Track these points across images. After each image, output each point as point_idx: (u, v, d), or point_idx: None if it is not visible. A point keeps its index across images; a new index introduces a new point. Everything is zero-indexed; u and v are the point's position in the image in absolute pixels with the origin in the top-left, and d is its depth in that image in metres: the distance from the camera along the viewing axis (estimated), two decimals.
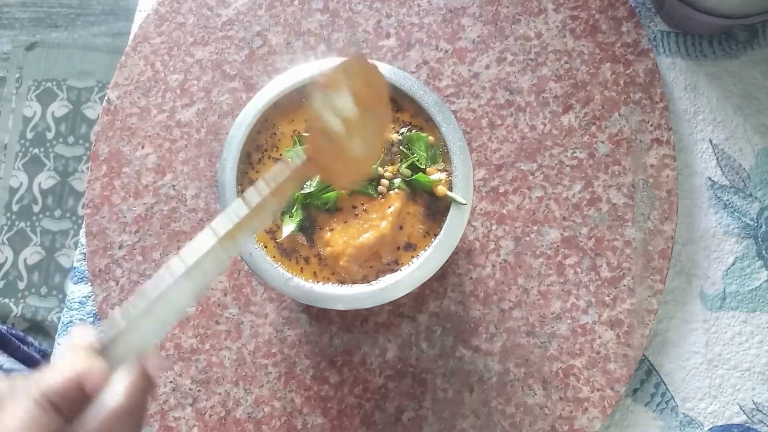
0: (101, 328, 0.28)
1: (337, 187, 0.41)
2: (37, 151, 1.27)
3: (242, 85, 0.56)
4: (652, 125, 0.52)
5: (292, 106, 0.45)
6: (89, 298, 0.53)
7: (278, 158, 0.45)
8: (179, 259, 0.30)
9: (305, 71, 0.45)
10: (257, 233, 0.43)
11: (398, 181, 0.43)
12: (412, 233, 0.43)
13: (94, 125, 1.28)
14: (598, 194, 0.51)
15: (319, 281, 0.42)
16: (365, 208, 0.43)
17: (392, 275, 0.42)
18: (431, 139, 0.44)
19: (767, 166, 0.53)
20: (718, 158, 0.53)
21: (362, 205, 0.43)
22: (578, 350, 0.49)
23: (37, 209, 1.24)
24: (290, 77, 0.45)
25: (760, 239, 0.51)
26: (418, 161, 0.43)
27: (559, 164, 0.52)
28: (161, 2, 0.58)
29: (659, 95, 0.53)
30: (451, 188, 0.43)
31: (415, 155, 0.43)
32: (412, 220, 0.43)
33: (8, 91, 1.31)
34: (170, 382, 0.50)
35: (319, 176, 0.36)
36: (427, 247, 0.43)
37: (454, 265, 0.50)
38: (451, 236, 0.42)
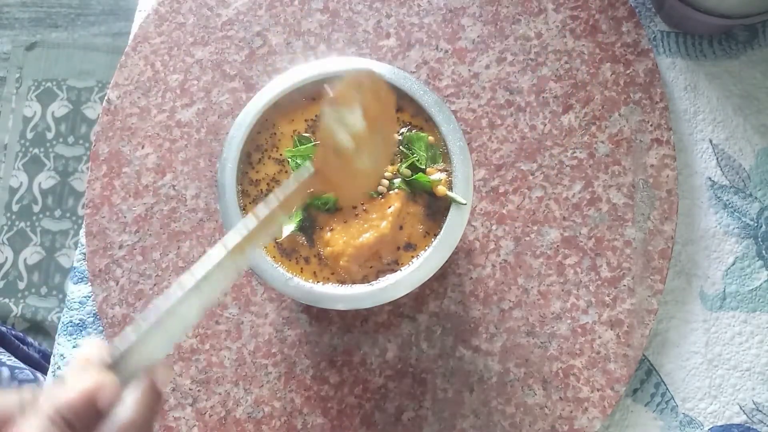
0: (113, 342, 0.29)
1: (342, 201, 0.42)
2: (37, 151, 1.27)
3: (242, 85, 0.56)
4: (652, 125, 0.52)
5: (292, 106, 0.45)
6: (89, 298, 0.53)
7: (278, 158, 0.45)
8: (190, 273, 0.30)
9: (305, 71, 0.45)
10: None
11: (398, 181, 0.43)
12: (412, 233, 0.43)
13: (94, 125, 1.28)
14: (598, 194, 0.51)
15: (319, 281, 0.42)
16: (365, 208, 0.43)
17: (392, 275, 0.42)
18: (431, 139, 0.44)
19: (767, 166, 0.53)
20: (718, 158, 0.53)
21: (362, 205, 0.43)
22: (578, 350, 0.49)
23: (37, 209, 1.24)
24: (290, 77, 0.45)
25: (760, 239, 0.51)
26: (418, 161, 0.43)
27: (559, 164, 0.52)
28: (161, 2, 0.58)
29: (659, 95, 0.53)
30: (451, 188, 0.43)
31: (415, 155, 0.43)
32: (412, 220, 0.43)
33: (8, 91, 1.31)
34: (170, 382, 0.50)
35: (324, 191, 0.36)
36: (427, 247, 0.43)
37: (454, 265, 0.50)
38: (451, 236, 0.42)
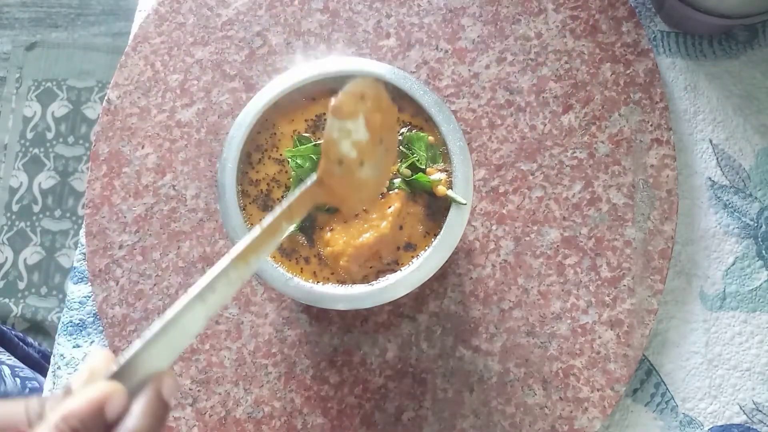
0: (120, 354, 0.29)
1: (344, 211, 0.41)
2: (37, 151, 1.27)
3: (242, 85, 0.56)
4: (652, 125, 0.52)
5: (292, 106, 0.45)
6: (89, 298, 0.53)
7: (278, 158, 0.45)
8: (196, 284, 0.31)
9: (305, 71, 0.45)
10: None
11: (398, 181, 0.43)
12: (412, 233, 0.43)
13: (94, 125, 1.28)
14: (598, 194, 0.51)
15: (319, 281, 0.42)
16: (365, 208, 0.43)
17: (392, 275, 0.42)
18: (431, 139, 0.44)
19: (767, 166, 0.53)
20: (718, 158, 0.53)
21: None
22: (578, 350, 0.49)
23: (37, 209, 1.24)
24: (290, 77, 0.45)
25: (760, 239, 0.51)
26: (418, 161, 0.43)
27: (559, 164, 0.52)
28: (161, 2, 0.58)
29: (659, 95, 0.53)
30: (451, 188, 0.43)
31: (415, 155, 0.43)
32: (412, 220, 0.43)
33: (8, 91, 1.31)
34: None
35: (328, 202, 0.36)
36: (427, 247, 0.43)
37: (454, 265, 0.50)
38: (451, 236, 0.42)
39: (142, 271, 0.52)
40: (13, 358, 0.71)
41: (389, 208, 0.42)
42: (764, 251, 0.51)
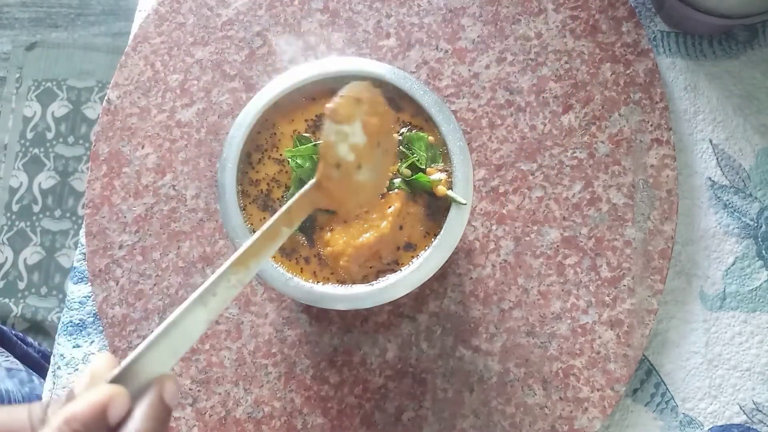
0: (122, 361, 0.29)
1: (342, 215, 0.41)
2: (37, 151, 1.27)
3: (242, 85, 0.56)
4: (652, 125, 0.52)
5: (292, 106, 0.45)
6: (89, 298, 0.53)
7: (278, 158, 0.45)
8: (198, 289, 0.31)
9: (305, 71, 0.45)
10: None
11: (398, 181, 0.43)
12: (412, 233, 0.43)
13: (94, 125, 1.28)
14: (598, 194, 0.51)
15: (319, 281, 0.43)
16: (364, 210, 0.43)
17: (392, 275, 0.42)
18: (431, 139, 0.44)
19: (767, 166, 0.53)
20: (718, 158, 0.53)
21: None
22: (578, 350, 0.49)
23: (37, 209, 1.24)
24: (290, 77, 0.45)
25: (760, 239, 0.51)
26: (418, 161, 0.43)
27: (559, 164, 0.52)
28: (161, 2, 0.58)
29: (659, 95, 0.53)
30: (451, 188, 0.43)
31: (415, 155, 0.43)
32: (412, 220, 0.43)
33: (8, 91, 1.31)
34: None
35: (326, 205, 0.37)
36: (427, 247, 0.43)
37: (454, 265, 0.50)
38: (451, 236, 0.42)
39: (142, 271, 0.52)
40: (11, 358, 0.71)
41: (389, 208, 0.42)
42: (764, 251, 0.51)
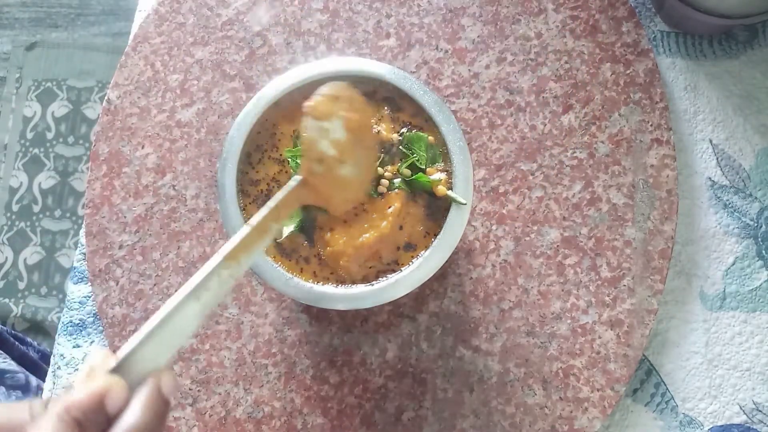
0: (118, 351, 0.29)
1: (331, 211, 0.41)
2: (37, 151, 1.27)
3: (242, 85, 0.56)
4: (652, 125, 0.52)
5: (292, 106, 0.45)
6: (89, 298, 0.53)
7: (278, 158, 0.45)
8: (188, 282, 0.31)
9: (305, 71, 0.45)
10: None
11: (398, 181, 0.43)
12: (412, 233, 0.43)
13: (94, 125, 1.28)
14: (598, 194, 0.51)
15: (319, 281, 0.42)
16: (365, 208, 0.43)
17: (392, 275, 0.42)
18: (431, 139, 0.44)
19: (767, 166, 0.53)
20: (718, 158, 0.53)
21: (362, 205, 0.43)
22: (578, 350, 0.49)
23: (37, 209, 1.24)
24: (290, 77, 0.45)
25: (760, 239, 0.51)
26: (418, 161, 0.43)
27: (559, 164, 0.52)
28: (161, 2, 0.58)
29: (659, 95, 0.53)
30: (451, 188, 0.43)
31: (415, 155, 0.43)
32: (412, 220, 0.43)
33: (8, 91, 1.31)
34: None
35: (314, 201, 0.38)
36: (427, 247, 0.43)
37: (454, 265, 0.50)
38: (451, 236, 0.42)
39: (142, 271, 0.52)
40: (8, 360, 0.71)
41: (389, 208, 0.42)
42: (764, 251, 0.51)
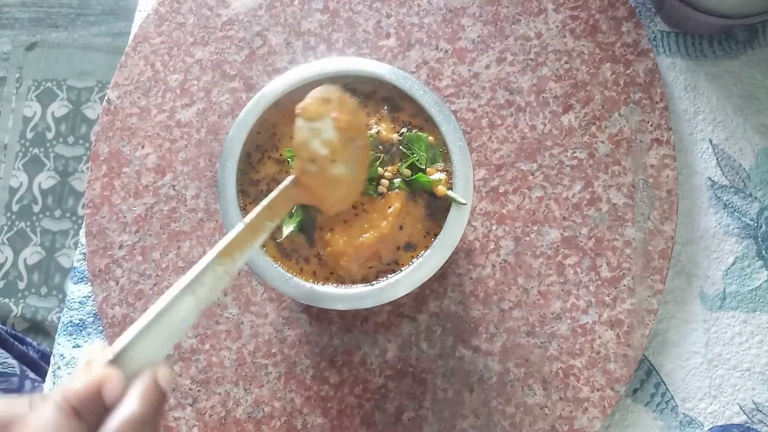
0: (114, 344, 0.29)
1: (325, 211, 0.41)
2: (37, 151, 1.27)
3: (242, 85, 0.56)
4: (652, 125, 0.52)
5: (292, 106, 0.45)
6: (89, 298, 0.53)
7: (278, 158, 0.45)
8: (183, 277, 0.31)
9: (305, 71, 0.45)
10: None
11: (398, 181, 0.43)
12: (412, 233, 0.43)
13: (94, 125, 1.28)
14: (598, 194, 0.51)
15: (319, 281, 0.42)
16: (365, 208, 0.43)
17: (392, 275, 0.42)
18: (431, 139, 0.44)
19: (767, 166, 0.53)
20: (718, 158, 0.53)
21: (362, 205, 0.43)
22: (578, 350, 0.49)
23: (37, 209, 1.24)
24: (290, 77, 0.45)
25: (760, 239, 0.51)
26: (418, 161, 0.43)
27: (559, 164, 0.52)
28: (161, 2, 0.58)
29: (659, 95, 0.53)
30: (451, 188, 0.43)
31: (415, 155, 0.43)
32: (412, 220, 0.43)
33: (8, 91, 1.31)
34: (172, 382, 0.50)
35: (307, 201, 0.38)
36: (427, 247, 0.43)
37: (454, 265, 0.50)
38: (451, 236, 0.42)
39: (142, 271, 0.52)
40: (9, 359, 0.71)
41: (389, 208, 0.42)
42: (764, 251, 0.51)
